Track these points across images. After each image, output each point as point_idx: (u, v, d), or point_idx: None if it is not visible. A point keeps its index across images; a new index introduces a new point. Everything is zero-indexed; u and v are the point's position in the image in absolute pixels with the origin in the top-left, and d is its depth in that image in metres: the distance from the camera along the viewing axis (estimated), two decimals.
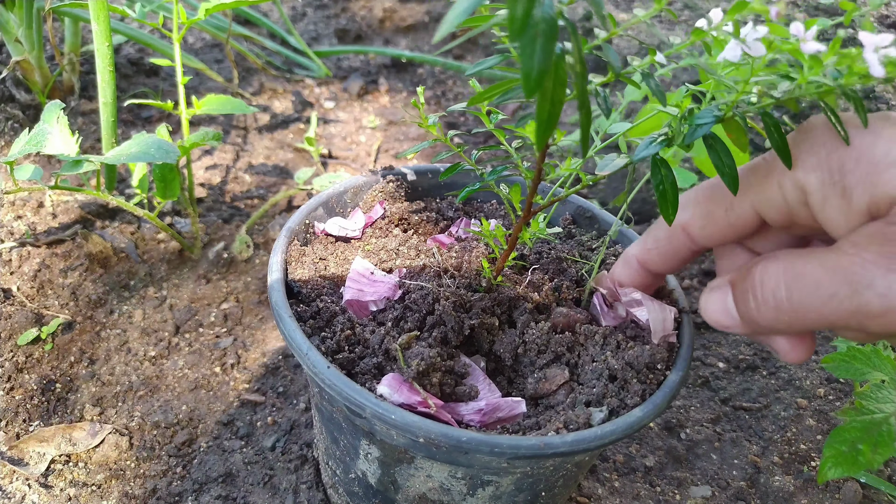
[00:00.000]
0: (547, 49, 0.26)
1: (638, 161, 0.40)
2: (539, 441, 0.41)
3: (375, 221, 0.62)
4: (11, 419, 0.74)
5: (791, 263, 0.36)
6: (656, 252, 0.45)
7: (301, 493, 0.68)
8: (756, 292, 0.38)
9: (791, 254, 0.37)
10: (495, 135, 0.49)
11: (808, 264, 0.35)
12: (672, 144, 0.39)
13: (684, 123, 0.38)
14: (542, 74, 0.26)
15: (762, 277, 0.37)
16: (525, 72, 0.26)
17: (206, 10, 0.83)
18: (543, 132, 0.30)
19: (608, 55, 0.34)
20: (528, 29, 0.26)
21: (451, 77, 1.52)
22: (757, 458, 0.76)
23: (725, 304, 0.40)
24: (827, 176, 0.36)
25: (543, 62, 0.26)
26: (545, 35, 0.26)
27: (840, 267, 0.34)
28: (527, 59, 0.26)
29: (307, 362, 0.45)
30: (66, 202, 1.02)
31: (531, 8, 0.25)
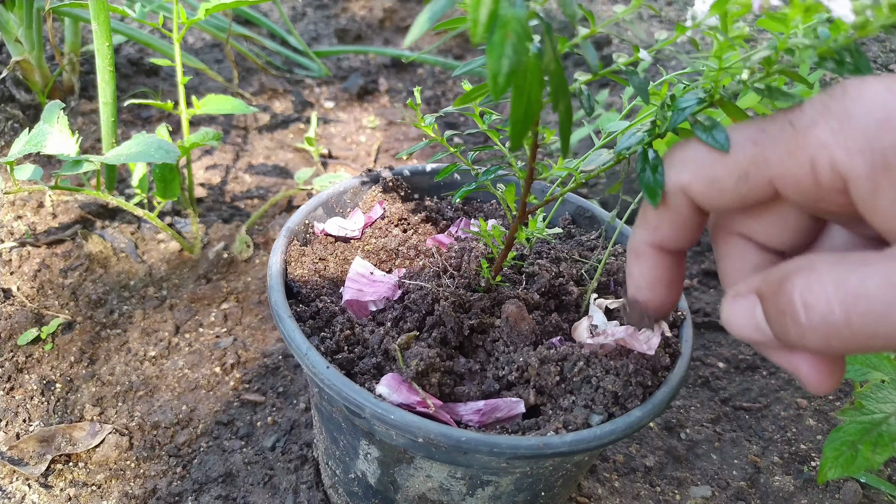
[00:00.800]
0: (517, 50, 0.26)
1: (623, 151, 0.40)
2: (538, 441, 0.41)
3: (375, 221, 0.62)
4: (11, 419, 0.74)
5: (842, 279, 0.28)
6: (666, 225, 0.37)
7: (301, 493, 0.68)
8: (799, 316, 0.30)
9: (836, 264, 0.29)
10: (489, 135, 0.49)
11: (870, 280, 0.28)
12: (662, 134, 0.39)
13: (668, 110, 0.38)
14: (511, 76, 0.26)
15: (805, 298, 0.29)
16: (492, 74, 0.26)
17: (206, 10, 0.83)
18: (518, 131, 0.30)
19: (587, 53, 0.34)
20: (495, 31, 0.25)
21: (451, 77, 1.52)
22: (757, 458, 0.76)
23: (754, 317, 0.33)
24: (879, 160, 0.28)
25: (513, 64, 0.26)
26: (516, 34, 0.26)
27: None
28: (494, 62, 0.26)
29: (306, 362, 0.45)
30: (66, 202, 1.02)
31: (497, 9, 0.25)
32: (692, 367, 0.88)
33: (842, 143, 0.28)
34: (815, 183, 0.30)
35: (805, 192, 0.31)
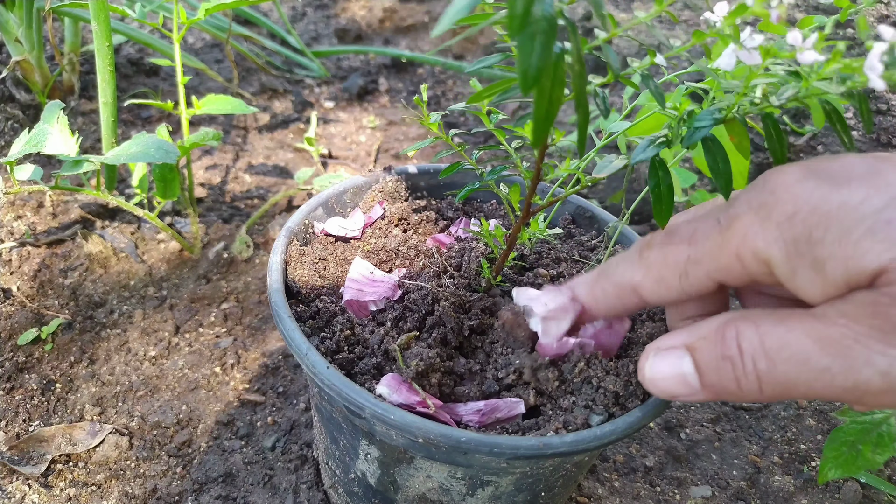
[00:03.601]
0: (546, 47, 0.26)
1: (637, 163, 0.40)
2: (538, 441, 0.41)
3: (375, 221, 0.62)
4: (11, 419, 0.74)
5: (770, 329, 0.32)
6: (604, 304, 0.41)
7: (301, 493, 0.68)
8: (734, 363, 0.33)
9: (766, 317, 0.33)
10: (495, 134, 0.49)
11: (792, 333, 0.32)
12: (671, 146, 0.39)
13: (683, 125, 0.38)
14: (540, 72, 0.26)
15: (738, 343, 0.33)
16: (522, 69, 0.26)
17: (206, 10, 0.83)
18: (540, 130, 0.30)
19: (608, 56, 0.34)
20: (527, 26, 0.26)
21: (451, 77, 1.52)
22: (757, 458, 0.76)
23: (681, 370, 0.36)
24: (792, 248, 0.31)
25: (541, 60, 0.26)
26: (544, 33, 0.26)
27: (831, 339, 0.31)
28: (524, 57, 0.26)
29: (306, 362, 0.45)
30: (66, 202, 1.02)
31: (531, 6, 0.25)
32: None
33: (762, 234, 0.32)
34: (744, 269, 0.34)
35: (738, 278, 0.35)
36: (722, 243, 0.34)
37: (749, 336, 0.33)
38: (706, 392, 0.35)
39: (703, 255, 0.35)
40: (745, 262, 0.33)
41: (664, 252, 0.37)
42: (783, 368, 0.32)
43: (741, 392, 0.34)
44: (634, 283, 0.38)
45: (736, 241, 0.33)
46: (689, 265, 0.35)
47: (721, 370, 0.34)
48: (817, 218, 0.31)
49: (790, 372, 0.32)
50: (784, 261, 0.32)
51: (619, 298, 0.40)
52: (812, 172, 0.32)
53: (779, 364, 0.32)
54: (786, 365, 0.32)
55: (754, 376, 0.33)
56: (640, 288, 0.38)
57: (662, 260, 0.37)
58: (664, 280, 0.37)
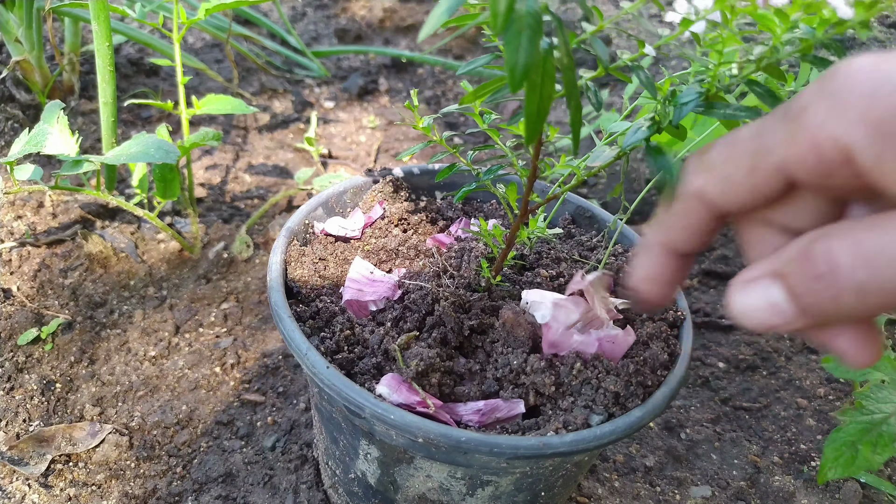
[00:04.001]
0: (532, 42, 0.26)
1: (628, 148, 0.40)
2: (538, 441, 0.41)
3: (375, 221, 0.62)
4: (11, 419, 0.74)
5: (863, 236, 0.29)
6: (680, 229, 0.37)
7: (301, 493, 0.68)
8: (829, 280, 0.30)
9: (852, 228, 0.30)
10: (490, 135, 0.49)
11: (885, 237, 0.29)
12: (661, 129, 0.39)
13: (668, 105, 0.38)
14: (528, 68, 0.26)
15: (831, 258, 0.30)
16: (510, 66, 0.26)
17: (206, 10, 0.83)
18: (533, 126, 0.30)
19: (596, 48, 0.34)
20: (511, 24, 0.26)
21: (451, 77, 1.52)
22: (757, 458, 0.76)
23: (771, 298, 0.33)
24: (878, 127, 0.28)
25: (529, 56, 0.26)
26: (530, 28, 0.26)
27: None
28: (511, 54, 0.26)
29: (306, 362, 0.45)
30: (66, 202, 1.02)
31: (513, 3, 0.25)
32: (692, 367, 0.88)
33: (839, 118, 0.29)
34: (820, 160, 0.30)
35: (812, 171, 0.31)
36: (794, 131, 0.31)
37: (840, 248, 0.30)
38: (805, 318, 0.32)
39: (774, 144, 0.32)
40: (823, 151, 0.30)
41: (728, 149, 0.34)
42: (888, 273, 0.29)
43: (843, 310, 0.31)
44: (698, 189, 0.35)
45: (812, 129, 0.30)
46: (757, 157, 0.32)
47: (818, 291, 0.31)
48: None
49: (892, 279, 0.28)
50: (868, 144, 0.29)
51: (688, 214, 0.36)
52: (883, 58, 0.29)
53: (882, 269, 0.29)
54: (890, 269, 0.28)
55: (856, 289, 0.29)
56: (706, 192, 0.35)
57: (727, 156, 0.34)
58: (730, 178, 0.34)
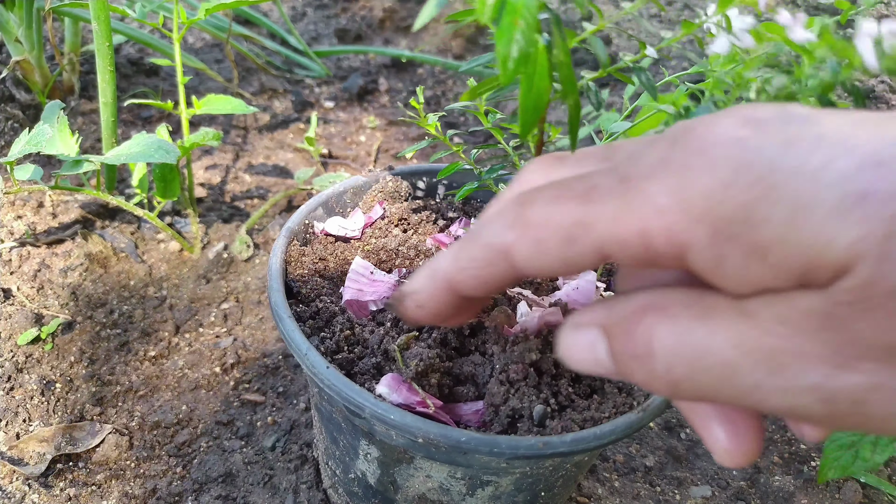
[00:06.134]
0: (527, 34, 0.26)
1: None
2: (538, 441, 0.41)
3: (375, 221, 0.62)
4: (11, 419, 0.74)
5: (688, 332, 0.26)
6: (470, 273, 0.31)
7: (301, 493, 0.68)
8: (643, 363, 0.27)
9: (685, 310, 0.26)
10: (493, 133, 0.49)
11: (715, 337, 0.25)
12: None
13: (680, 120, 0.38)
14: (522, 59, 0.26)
15: (649, 343, 0.26)
16: (501, 57, 0.25)
17: (206, 9, 0.83)
18: (528, 120, 0.29)
19: (595, 48, 0.34)
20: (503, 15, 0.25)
21: (451, 77, 1.52)
22: (757, 458, 0.76)
23: (596, 352, 0.30)
24: (723, 229, 0.24)
25: (523, 47, 0.26)
26: (525, 21, 0.25)
27: (763, 351, 0.24)
28: (503, 45, 0.25)
29: (306, 363, 0.45)
30: (66, 202, 1.02)
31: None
32: None
33: (681, 211, 0.24)
34: (647, 250, 0.26)
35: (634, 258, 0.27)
36: (623, 210, 0.26)
37: (663, 336, 0.26)
38: (621, 378, 0.29)
39: (597, 219, 0.26)
40: (652, 242, 0.25)
41: (549, 209, 0.28)
42: (704, 379, 0.25)
43: (658, 392, 0.27)
44: (506, 246, 0.29)
45: (643, 213, 0.25)
46: (576, 229, 0.27)
47: (633, 369, 0.28)
48: (762, 189, 0.23)
49: (712, 384, 0.25)
50: (708, 245, 0.24)
51: (488, 266, 0.30)
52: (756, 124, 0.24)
53: (698, 374, 0.25)
54: (706, 376, 0.25)
55: (668, 382, 0.26)
56: (513, 252, 0.29)
57: (545, 218, 0.28)
58: (542, 244, 0.28)
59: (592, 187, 0.27)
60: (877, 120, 0.23)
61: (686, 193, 0.24)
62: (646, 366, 0.27)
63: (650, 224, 0.25)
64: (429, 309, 0.33)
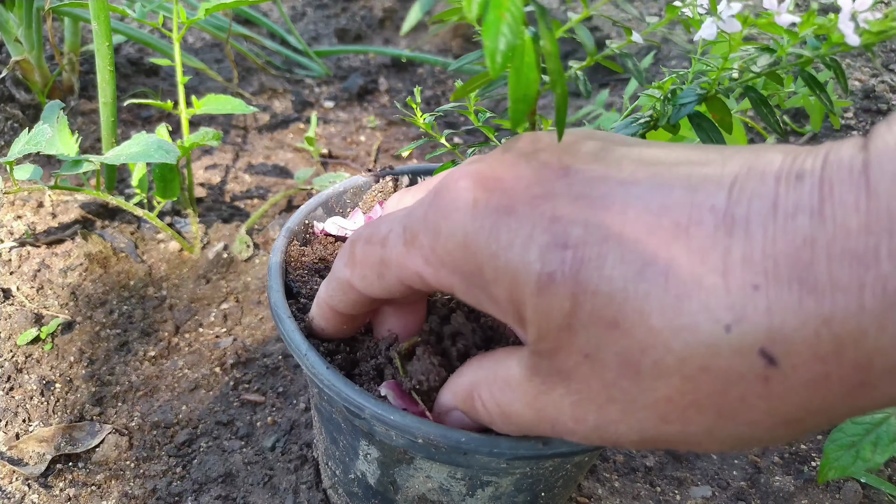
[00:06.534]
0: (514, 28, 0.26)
1: None
2: (539, 441, 0.41)
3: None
4: (11, 419, 0.74)
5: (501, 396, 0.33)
6: (337, 300, 0.40)
7: (301, 493, 0.68)
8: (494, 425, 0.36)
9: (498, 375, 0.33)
10: (484, 132, 0.49)
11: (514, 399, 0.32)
12: (657, 126, 0.39)
13: (668, 104, 0.38)
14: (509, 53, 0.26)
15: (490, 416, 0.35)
16: (490, 52, 0.26)
17: (205, 9, 0.83)
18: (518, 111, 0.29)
19: (582, 36, 0.34)
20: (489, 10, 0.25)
21: (452, 77, 1.52)
22: (757, 459, 0.76)
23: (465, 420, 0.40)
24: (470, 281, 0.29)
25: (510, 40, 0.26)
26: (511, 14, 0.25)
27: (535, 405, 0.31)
28: (491, 40, 0.26)
29: (306, 363, 0.45)
30: (66, 202, 1.02)
31: None
32: None
33: (439, 262, 0.30)
34: (428, 287, 0.32)
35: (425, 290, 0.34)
36: (405, 257, 0.32)
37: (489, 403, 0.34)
38: None
39: (391, 262, 0.33)
40: (427, 282, 0.32)
41: (364, 250, 0.35)
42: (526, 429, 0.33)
43: None
44: (347, 279, 0.37)
45: (416, 262, 0.31)
46: (380, 267, 0.34)
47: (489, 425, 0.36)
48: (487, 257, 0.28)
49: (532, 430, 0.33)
50: (465, 291, 0.30)
51: (344, 294, 0.39)
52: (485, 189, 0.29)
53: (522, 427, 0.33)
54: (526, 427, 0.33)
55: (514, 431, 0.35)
56: (352, 283, 0.37)
57: (363, 257, 0.35)
58: (367, 278, 0.35)
59: (388, 235, 0.33)
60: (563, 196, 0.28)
61: (439, 252, 0.30)
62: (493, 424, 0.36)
63: (422, 270, 0.31)
64: (328, 327, 0.44)
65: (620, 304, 0.25)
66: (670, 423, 0.26)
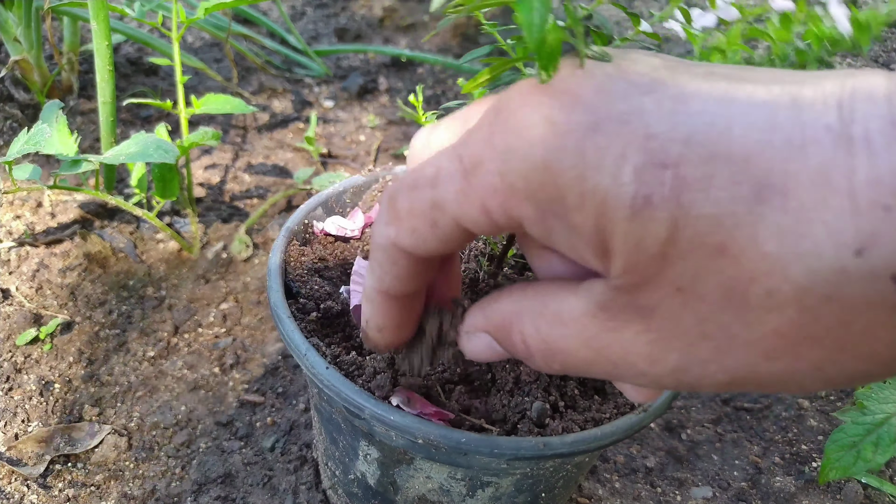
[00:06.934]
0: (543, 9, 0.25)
1: None
2: (539, 442, 0.41)
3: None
4: (10, 419, 0.74)
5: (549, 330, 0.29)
6: (390, 277, 0.34)
7: (300, 493, 0.68)
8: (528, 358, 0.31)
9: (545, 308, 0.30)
10: None
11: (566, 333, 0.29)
12: None
13: None
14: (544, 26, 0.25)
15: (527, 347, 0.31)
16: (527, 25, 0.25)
17: (205, 8, 0.83)
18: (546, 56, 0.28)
19: (599, 20, 0.34)
20: None
21: (452, 76, 1.52)
22: (758, 459, 0.76)
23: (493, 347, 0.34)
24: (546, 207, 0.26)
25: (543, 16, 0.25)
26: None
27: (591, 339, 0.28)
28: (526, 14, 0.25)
29: (305, 363, 0.45)
30: (65, 202, 1.02)
31: None
32: None
33: (508, 189, 0.26)
34: (492, 224, 0.28)
35: (488, 230, 0.29)
36: (466, 191, 0.28)
37: (533, 344, 0.30)
38: None
39: (446, 202, 0.29)
40: (492, 217, 0.28)
41: (410, 198, 0.30)
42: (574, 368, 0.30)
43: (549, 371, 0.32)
44: (393, 241, 0.31)
45: (481, 193, 0.27)
46: (434, 212, 0.29)
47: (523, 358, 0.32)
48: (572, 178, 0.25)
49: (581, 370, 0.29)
50: (537, 221, 0.27)
51: (393, 265, 0.33)
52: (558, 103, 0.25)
53: (569, 367, 0.30)
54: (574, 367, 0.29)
55: (551, 369, 0.31)
56: (400, 244, 0.31)
57: (409, 208, 0.30)
58: (417, 231, 0.30)
59: (437, 174, 0.29)
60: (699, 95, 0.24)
61: (511, 177, 0.26)
62: (530, 359, 0.31)
63: (488, 202, 0.27)
64: (387, 327, 0.36)
65: (730, 228, 0.22)
66: (775, 359, 0.24)
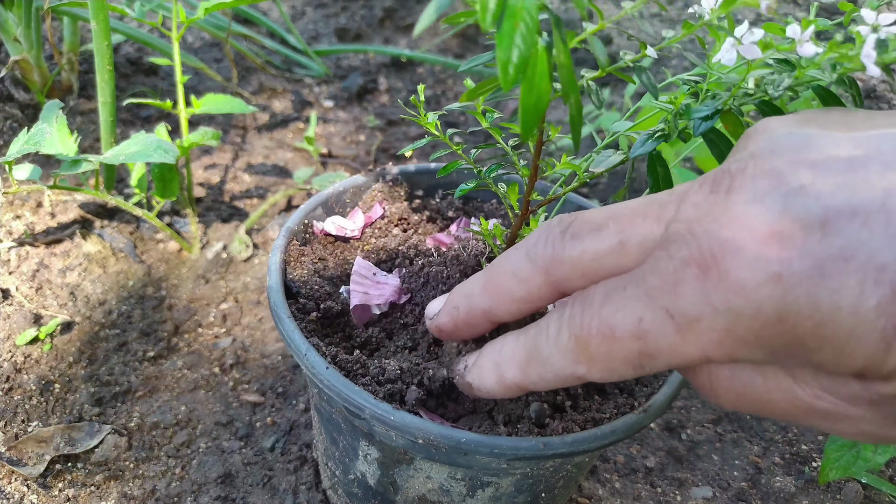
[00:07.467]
0: (528, 39, 0.25)
1: (635, 157, 0.40)
2: (539, 442, 0.41)
3: (375, 221, 0.62)
4: (10, 419, 0.74)
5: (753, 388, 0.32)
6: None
7: (300, 493, 0.68)
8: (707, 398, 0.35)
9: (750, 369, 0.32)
10: (491, 133, 0.48)
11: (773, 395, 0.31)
12: (669, 140, 0.39)
13: (680, 119, 0.38)
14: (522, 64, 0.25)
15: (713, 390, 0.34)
16: (502, 63, 0.25)
17: (205, 8, 0.83)
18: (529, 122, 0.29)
19: (595, 48, 0.34)
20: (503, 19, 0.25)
21: (451, 76, 1.52)
22: (758, 459, 0.76)
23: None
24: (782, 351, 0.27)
25: (524, 52, 0.25)
26: (525, 24, 0.25)
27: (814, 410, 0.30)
28: (504, 50, 0.25)
29: (305, 363, 0.45)
30: (65, 202, 1.02)
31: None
32: None
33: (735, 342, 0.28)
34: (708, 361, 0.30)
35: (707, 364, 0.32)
36: (682, 345, 0.29)
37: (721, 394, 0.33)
38: None
39: (660, 353, 0.30)
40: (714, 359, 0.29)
41: (610, 346, 0.32)
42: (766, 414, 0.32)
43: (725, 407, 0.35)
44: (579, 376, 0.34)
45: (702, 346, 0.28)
46: (643, 359, 0.31)
47: None
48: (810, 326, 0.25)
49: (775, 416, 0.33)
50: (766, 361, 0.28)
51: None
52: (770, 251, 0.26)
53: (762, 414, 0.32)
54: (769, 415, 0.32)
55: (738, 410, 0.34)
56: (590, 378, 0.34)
57: (609, 353, 0.32)
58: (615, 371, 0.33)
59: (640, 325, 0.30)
60: None
61: (739, 332, 0.27)
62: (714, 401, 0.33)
63: (710, 352, 0.28)
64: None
65: None
66: None
